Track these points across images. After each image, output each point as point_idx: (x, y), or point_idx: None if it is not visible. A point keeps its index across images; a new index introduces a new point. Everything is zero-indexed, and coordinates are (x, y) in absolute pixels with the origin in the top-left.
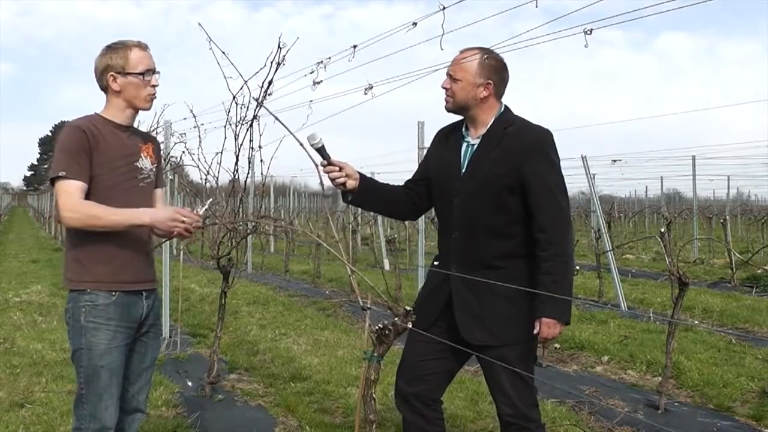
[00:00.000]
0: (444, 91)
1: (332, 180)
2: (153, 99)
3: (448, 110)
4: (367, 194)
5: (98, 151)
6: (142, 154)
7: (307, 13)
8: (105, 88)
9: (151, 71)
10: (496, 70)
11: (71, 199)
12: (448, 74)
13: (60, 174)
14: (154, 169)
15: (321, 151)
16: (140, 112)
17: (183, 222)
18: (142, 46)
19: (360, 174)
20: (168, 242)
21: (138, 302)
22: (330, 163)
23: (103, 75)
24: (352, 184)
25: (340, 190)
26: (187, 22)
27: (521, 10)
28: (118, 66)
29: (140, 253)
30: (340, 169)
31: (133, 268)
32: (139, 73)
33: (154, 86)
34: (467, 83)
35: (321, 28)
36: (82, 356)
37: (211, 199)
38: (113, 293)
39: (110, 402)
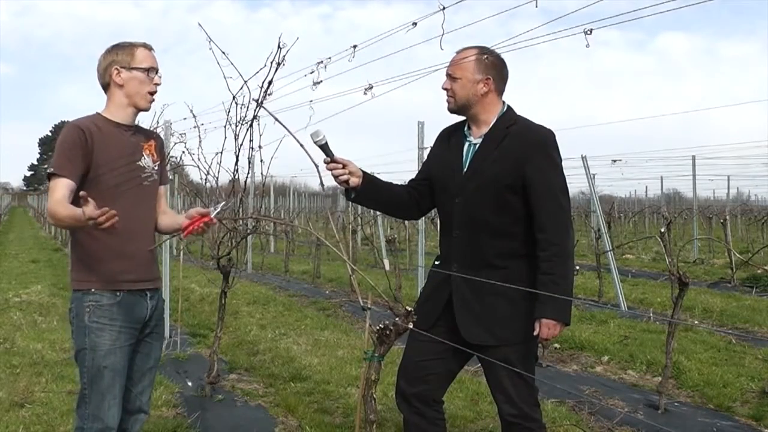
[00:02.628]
0: (445, 92)
1: (335, 177)
2: (153, 99)
3: (451, 111)
4: (370, 192)
5: (97, 150)
6: (144, 153)
7: (305, 14)
8: (107, 85)
9: (155, 70)
10: (494, 66)
11: (51, 196)
12: (447, 75)
13: (49, 171)
14: (156, 167)
15: (324, 148)
16: (140, 113)
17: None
18: (148, 47)
19: (363, 172)
20: (168, 242)
21: (142, 302)
22: (333, 161)
23: (106, 70)
24: (355, 181)
25: (343, 187)
26: (186, 22)
27: (520, 11)
28: (124, 61)
29: (143, 251)
30: (344, 167)
31: (136, 267)
32: (144, 69)
33: (156, 84)
34: (467, 81)
35: (319, 28)
36: (86, 356)
37: (223, 203)
38: (118, 293)
39: (113, 402)
